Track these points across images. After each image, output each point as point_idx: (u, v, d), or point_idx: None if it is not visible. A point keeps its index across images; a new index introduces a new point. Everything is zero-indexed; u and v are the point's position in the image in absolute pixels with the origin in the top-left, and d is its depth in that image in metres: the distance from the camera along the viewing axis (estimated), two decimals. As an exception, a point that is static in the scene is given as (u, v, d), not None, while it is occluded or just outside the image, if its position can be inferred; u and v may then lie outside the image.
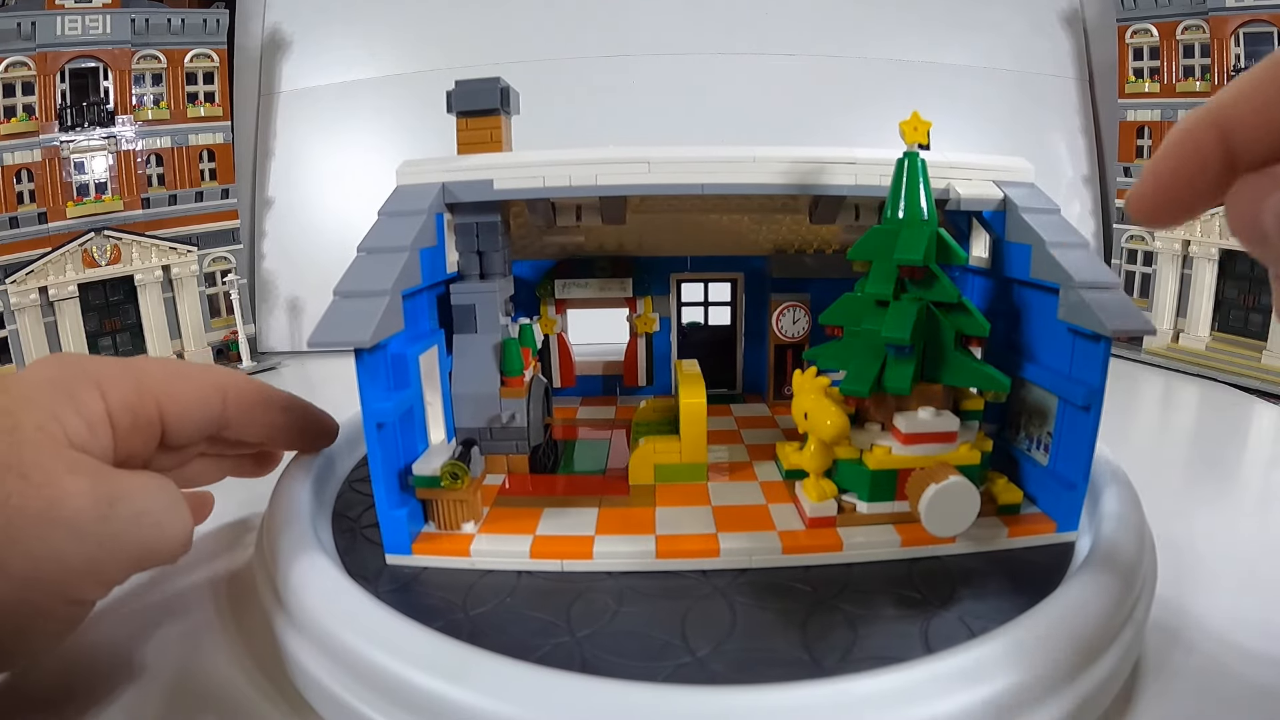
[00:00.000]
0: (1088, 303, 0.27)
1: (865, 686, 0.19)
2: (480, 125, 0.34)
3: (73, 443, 0.22)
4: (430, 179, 0.32)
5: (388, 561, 0.28)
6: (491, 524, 0.30)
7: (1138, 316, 0.27)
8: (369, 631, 0.22)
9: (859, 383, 0.28)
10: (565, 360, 0.49)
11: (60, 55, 0.67)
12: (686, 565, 0.28)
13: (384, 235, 0.29)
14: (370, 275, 0.27)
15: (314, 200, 0.83)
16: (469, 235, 0.34)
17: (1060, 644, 0.21)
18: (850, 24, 0.85)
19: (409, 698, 0.20)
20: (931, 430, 0.28)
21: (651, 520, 0.30)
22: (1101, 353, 0.27)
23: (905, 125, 0.29)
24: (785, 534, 0.29)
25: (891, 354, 0.29)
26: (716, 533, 0.29)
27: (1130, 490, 0.30)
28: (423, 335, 0.32)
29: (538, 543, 0.28)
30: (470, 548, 0.28)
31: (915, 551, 0.28)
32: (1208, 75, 0.72)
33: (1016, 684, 0.19)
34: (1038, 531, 0.29)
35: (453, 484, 0.28)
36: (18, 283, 0.63)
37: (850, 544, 0.28)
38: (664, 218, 0.44)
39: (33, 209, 0.66)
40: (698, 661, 0.22)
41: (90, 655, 0.26)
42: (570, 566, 0.28)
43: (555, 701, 0.19)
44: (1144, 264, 0.79)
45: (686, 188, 0.31)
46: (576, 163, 0.31)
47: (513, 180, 0.32)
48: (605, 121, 0.81)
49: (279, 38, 0.85)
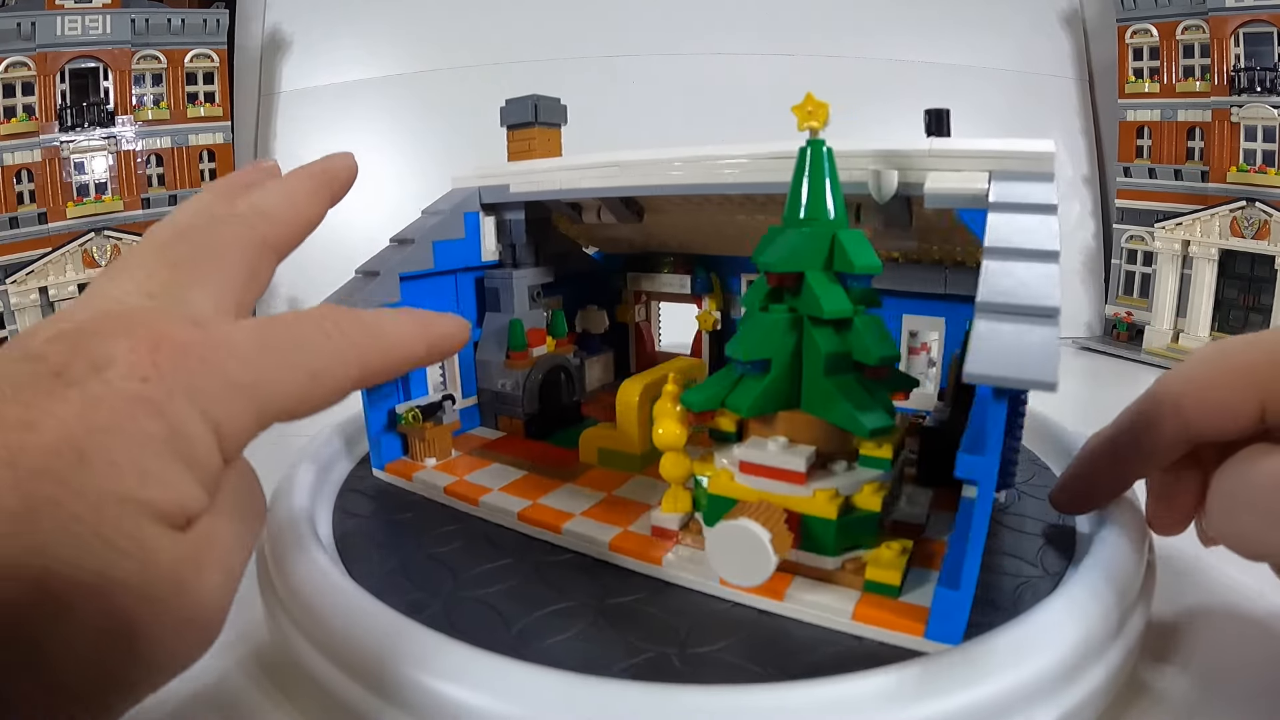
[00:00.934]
0: (974, 335, 0.19)
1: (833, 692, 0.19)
2: (521, 136, 0.41)
3: (187, 512, 0.16)
4: (471, 183, 0.40)
5: (374, 474, 0.36)
6: (449, 465, 0.36)
7: (1030, 365, 0.18)
8: (369, 630, 0.22)
9: (696, 395, 0.26)
10: (644, 348, 0.52)
11: (60, 55, 0.67)
12: (536, 533, 0.30)
13: (410, 230, 0.37)
14: (385, 262, 0.35)
15: (314, 200, 0.84)
16: (503, 230, 0.41)
17: (1059, 645, 0.21)
18: (850, 24, 0.85)
19: (407, 695, 0.20)
20: (772, 465, 0.24)
21: (551, 491, 0.32)
22: (989, 408, 0.19)
23: (798, 109, 0.25)
24: (625, 534, 0.28)
25: (739, 370, 0.25)
26: (577, 515, 0.30)
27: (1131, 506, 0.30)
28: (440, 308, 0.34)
29: (456, 485, 0.33)
30: (414, 475, 0.34)
31: (733, 595, 0.25)
32: (1208, 75, 0.72)
33: (1010, 687, 0.19)
34: (894, 626, 0.22)
35: (410, 424, 0.35)
36: (18, 283, 0.63)
37: (669, 562, 0.26)
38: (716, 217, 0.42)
39: (33, 209, 0.66)
40: (457, 596, 0.25)
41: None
42: (461, 507, 0.32)
43: (548, 699, 0.19)
44: (1144, 264, 0.79)
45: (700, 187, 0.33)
46: (562, 168, 0.36)
47: (521, 185, 0.38)
48: (605, 122, 0.81)
49: (279, 38, 0.85)
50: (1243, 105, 0.70)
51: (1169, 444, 0.24)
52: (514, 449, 0.38)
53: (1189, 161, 0.75)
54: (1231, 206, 0.69)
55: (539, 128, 0.40)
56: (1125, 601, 0.23)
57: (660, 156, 0.33)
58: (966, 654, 0.20)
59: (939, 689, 0.19)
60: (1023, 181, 0.26)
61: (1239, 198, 0.69)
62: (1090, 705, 0.21)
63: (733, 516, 0.23)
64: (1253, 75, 0.69)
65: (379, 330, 0.21)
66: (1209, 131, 0.73)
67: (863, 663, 0.20)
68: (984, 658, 0.20)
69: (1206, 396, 0.23)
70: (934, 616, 0.21)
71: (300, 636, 0.23)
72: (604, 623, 0.24)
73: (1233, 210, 0.69)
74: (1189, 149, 0.75)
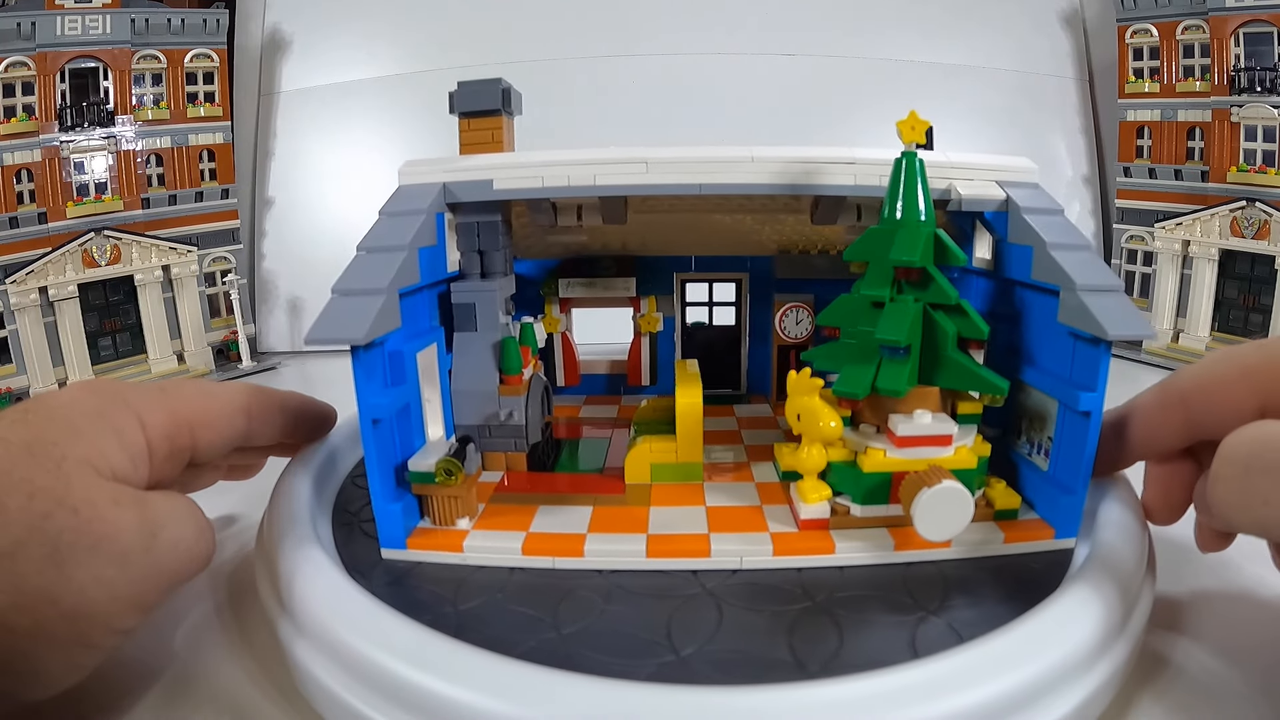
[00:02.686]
0: (1088, 306, 0.26)
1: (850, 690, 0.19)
2: (482, 126, 0.34)
3: (116, 475, 0.23)
4: (432, 179, 0.32)
5: (383, 556, 0.28)
6: (486, 520, 0.30)
7: (1140, 321, 0.27)
8: (369, 631, 0.22)
9: (853, 384, 0.28)
10: (569, 359, 0.49)
11: (60, 55, 0.67)
12: (676, 565, 0.28)
13: (384, 234, 0.30)
14: (368, 274, 0.28)
15: (314, 200, 0.83)
16: (470, 235, 0.34)
17: (1059, 647, 0.21)
18: (850, 24, 0.85)
19: (408, 697, 0.20)
20: (927, 434, 0.28)
21: (645, 519, 0.30)
22: (1102, 357, 0.26)
23: (903, 125, 0.29)
24: (777, 535, 0.29)
25: (886, 355, 0.28)
26: (708, 533, 0.29)
27: (1130, 491, 0.30)
28: (421, 333, 0.32)
29: (529, 540, 0.28)
30: (464, 543, 0.28)
31: (909, 556, 0.28)
32: (1208, 75, 0.72)
33: (1012, 688, 0.19)
34: (1035, 538, 0.29)
35: (447, 480, 0.29)
36: (18, 283, 0.63)
37: (842, 548, 0.28)
38: (668, 217, 0.43)
39: (33, 209, 0.66)
40: (681, 661, 0.22)
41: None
42: (561, 564, 0.28)
43: (547, 699, 0.19)
44: (1144, 264, 0.79)
45: (683, 188, 0.31)
46: (574, 163, 0.31)
47: (512, 180, 0.32)
48: (605, 122, 0.81)
49: (279, 38, 0.85)
50: (1243, 105, 0.70)
51: (1172, 433, 0.27)
52: (536, 485, 0.34)
53: (1189, 161, 0.75)
54: (1231, 206, 0.69)
55: (504, 117, 0.35)
56: (1132, 591, 0.23)
57: (689, 155, 0.32)
58: (987, 648, 0.20)
59: (935, 692, 0.19)
60: (1028, 189, 0.35)
61: (1239, 198, 0.69)
62: (1089, 707, 0.21)
63: (920, 485, 0.26)
64: (1253, 75, 0.69)
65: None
66: (1209, 131, 0.73)
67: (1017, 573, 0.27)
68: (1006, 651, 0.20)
69: (1211, 393, 0.25)
70: (1062, 521, 0.29)
71: (300, 636, 0.23)
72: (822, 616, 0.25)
73: (1233, 210, 0.69)
74: (1189, 149, 0.75)
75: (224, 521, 0.37)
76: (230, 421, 0.29)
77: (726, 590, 0.26)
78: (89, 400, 0.24)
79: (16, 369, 0.64)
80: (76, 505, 0.21)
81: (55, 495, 0.20)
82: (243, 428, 0.29)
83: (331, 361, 0.78)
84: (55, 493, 0.20)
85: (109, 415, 0.24)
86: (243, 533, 0.36)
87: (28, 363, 0.64)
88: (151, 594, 0.23)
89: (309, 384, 0.72)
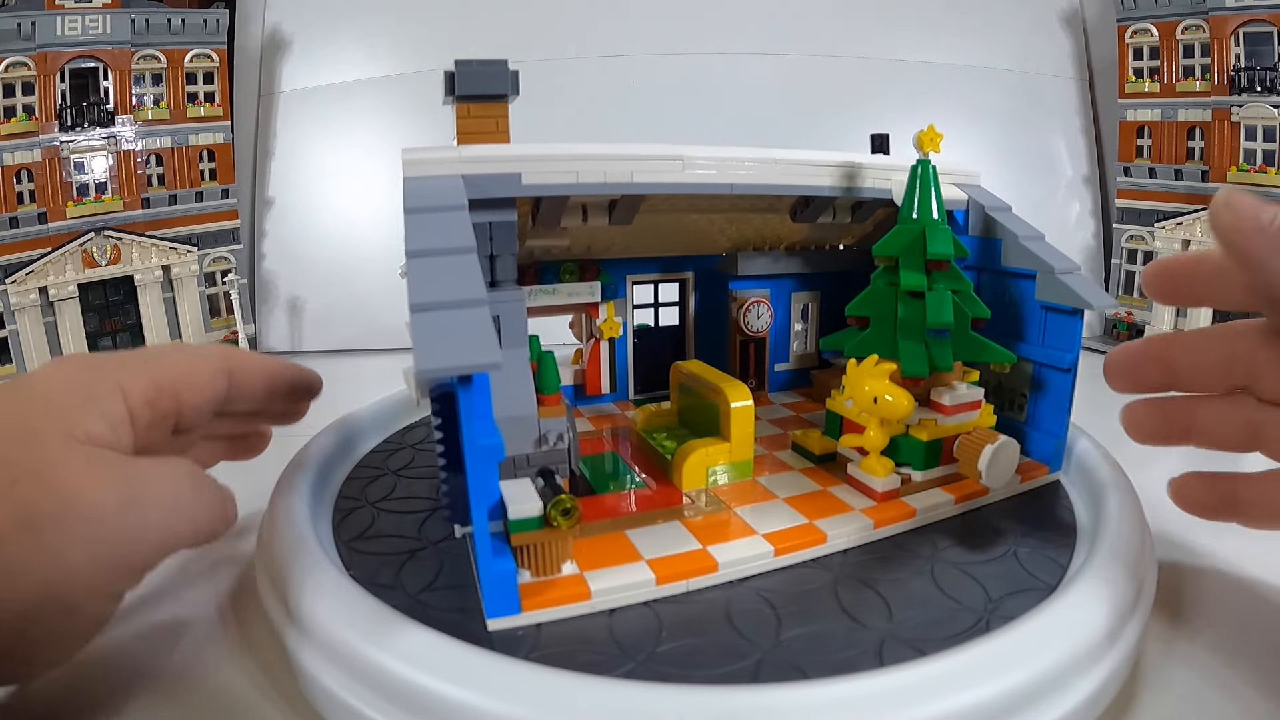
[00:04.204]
0: (1070, 285, 0.33)
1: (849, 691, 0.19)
2: (485, 113, 0.31)
3: (93, 440, 0.23)
4: (447, 170, 0.28)
5: (490, 628, 0.23)
6: (583, 560, 0.26)
7: (1105, 295, 0.34)
8: (372, 634, 0.22)
9: (917, 366, 0.32)
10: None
11: (60, 55, 0.67)
12: (798, 557, 0.28)
13: (435, 235, 0.25)
14: (451, 283, 0.23)
15: (314, 200, 0.83)
16: (483, 236, 0.30)
17: (1060, 645, 0.21)
18: (850, 24, 0.85)
19: (416, 700, 0.20)
20: (966, 401, 0.33)
21: (742, 522, 0.30)
22: (1078, 324, 0.34)
23: (923, 135, 0.33)
24: (866, 511, 0.31)
25: (931, 337, 0.32)
26: (810, 521, 0.30)
27: (1130, 490, 0.31)
28: None
29: (657, 567, 0.26)
30: (591, 589, 0.25)
31: (964, 506, 0.32)
32: (1208, 75, 0.72)
33: (1015, 685, 0.19)
34: (1037, 475, 0.35)
35: (564, 521, 0.24)
36: (18, 283, 0.63)
37: (921, 509, 0.31)
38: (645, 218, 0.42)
39: (33, 209, 0.66)
40: (897, 631, 0.23)
41: (92, 658, 0.26)
42: (695, 584, 0.26)
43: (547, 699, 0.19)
44: (1144, 264, 0.79)
45: (716, 187, 0.32)
46: (611, 158, 0.29)
47: (543, 175, 0.29)
48: (604, 122, 0.81)
49: (279, 38, 0.85)
50: (1243, 105, 0.70)
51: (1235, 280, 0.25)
52: (598, 511, 0.31)
53: (1189, 161, 0.75)
54: (1231, 206, 0.69)
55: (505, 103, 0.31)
56: (1127, 601, 0.23)
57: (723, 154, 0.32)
58: (964, 655, 0.20)
59: (936, 691, 0.19)
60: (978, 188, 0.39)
61: (1239, 197, 0.69)
62: (1089, 706, 0.21)
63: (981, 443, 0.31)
64: (1253, 75, 0.69)
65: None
66: (1209, 131, 0.73)
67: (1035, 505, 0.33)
68: (983, 659, 0.20)
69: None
70: (1051, 459, 0.35)
71: (299, 637, 0.23)
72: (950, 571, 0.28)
73: (1233, 210, 0.69)
74: (1189, 149, 0.75)
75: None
76: (212, 382, 0.28)
77: (855, 568, 0.28)
78: (67, 372, 0.24)
79: (16, 369, 0.64)
80: (43, 470, 0.20)
81: (24, 465, 0.20)
82: (224, 388, 0.29)
83: (330, 362, 0.78)
84: (25, 463, 0.20)
85: (87, 386, 0.24)
86: (244, 533, 0.36)
87: (28, 363, 0.64)
88: (138, 556, 0.22)
89: (309, 384, 0.72)
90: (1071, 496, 0.34)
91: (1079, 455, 0.35)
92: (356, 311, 0.79)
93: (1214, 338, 0.27)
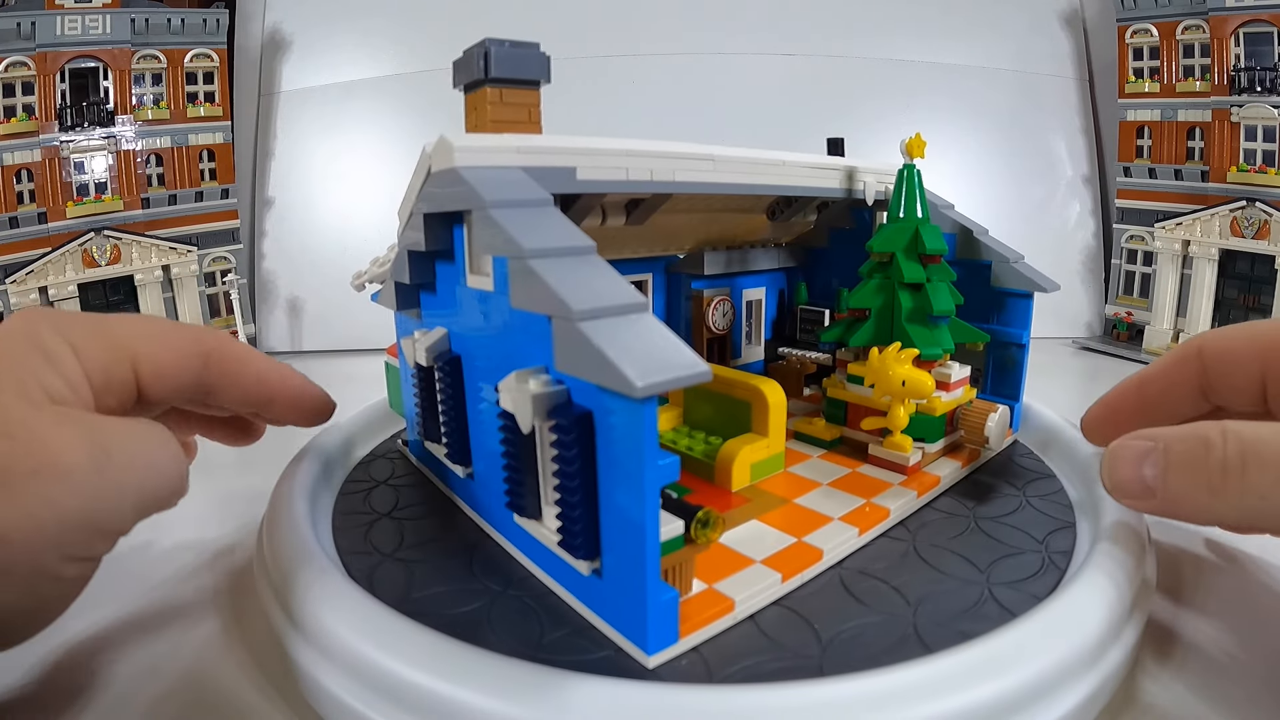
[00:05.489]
0: (1024, 273, 0.38)
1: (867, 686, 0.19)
2: (518, 100, 0.28)
3: (54, 399, 0.22)
4: (503, 160, 0.25)
5: (651, 665, 0.21)
6: (705, 571, 0.25)
7: (1048, 279, 0.38)
8: (373, 634, 0.22)
9: (934, 348, 0.35)
10: None
11: (60, 55, 0.67)
12: (873, 534, 0.30)
13: (547, 234, 0.22)
14: (600, 287, 0.21)
15: (314, 200, 0.84)
16: None
17: (1061, 642, 0.21)
18: (850, 24, 0.85)
19: (417, 700, 0.20)
20: (959, 379, 0.36)
21: (810, 511, 0.31)
22: (1030, 305, 0.39)
23: (911, 143, 0.36)
24: (905, 484, 0.33)
25: (931, 323, 0.36)
26: (867, 500, 0.31)
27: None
28: None
29: (776, 566, 0.26)
30: (735, 600, 0.24)
31: (969, 469, 0.36)
32: (1208, 75, 0.72)
33: (1016, 684, 0.19)
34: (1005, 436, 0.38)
35: (707, 535, 0.23)
36: (18, 283, 0.63)
37: (944, 477, 0.34)
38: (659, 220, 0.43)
39: (33, 209, 0.66)
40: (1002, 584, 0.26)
41: (90, 657, 0.26)
42: (807, 575, 0.26)
43: (547, 699, 0.19)
44: (1144, 264, 0.79)
45: (740, 187, 0.32)
46: (657, 155, 0.28)
47: (596, 171, 0.27)
48: (604, 123, 0.81)
49: (279, 38, 0.85)
50: (1243, 105, 0.70)
51: (1187, 385, 0.28)
52: None
53: (1189, 161, 0.75)
54: (1232, 206, 0.69)
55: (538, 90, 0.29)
56: (1126, 599, 0.23)
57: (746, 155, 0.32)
58: (964, 655, 0.20)
59: (938, 689, 0.19)
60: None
61: (1239, 198, 0.69)
62: (1090, 704, 0.21)
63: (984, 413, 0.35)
64: (1253, 75, 0.69)
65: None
66: (1209, 131, 0.73)
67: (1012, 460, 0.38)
68: (985, 658, 0.20)
69: (1225, 345, 0.27)
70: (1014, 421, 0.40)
71: (299, 636, 0.23)
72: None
73: (1233, 210, 0.69)
74: (1189, 149, 0.75)
75: (224, 522, 0.37)
76: (180, 363, 0.26)
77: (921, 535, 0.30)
78: (19, 328, 0.23)
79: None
80: (12, 430, 0.20)
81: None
82: (195, 373, 0.27)
83: (330, 362, 0.78)
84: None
85: (39, 340, 0.23)
86: (244, 534, 0.36)
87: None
88: (113, 516, 0.21)
89: (309, 384, 0.72)
90: (1029, 446, 0.40)
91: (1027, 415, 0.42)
92: (357, 312, 0.79)
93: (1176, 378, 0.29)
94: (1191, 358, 0.28)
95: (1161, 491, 0.23)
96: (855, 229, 0.46)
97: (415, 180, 0.28)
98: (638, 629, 0.21)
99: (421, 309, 0.32)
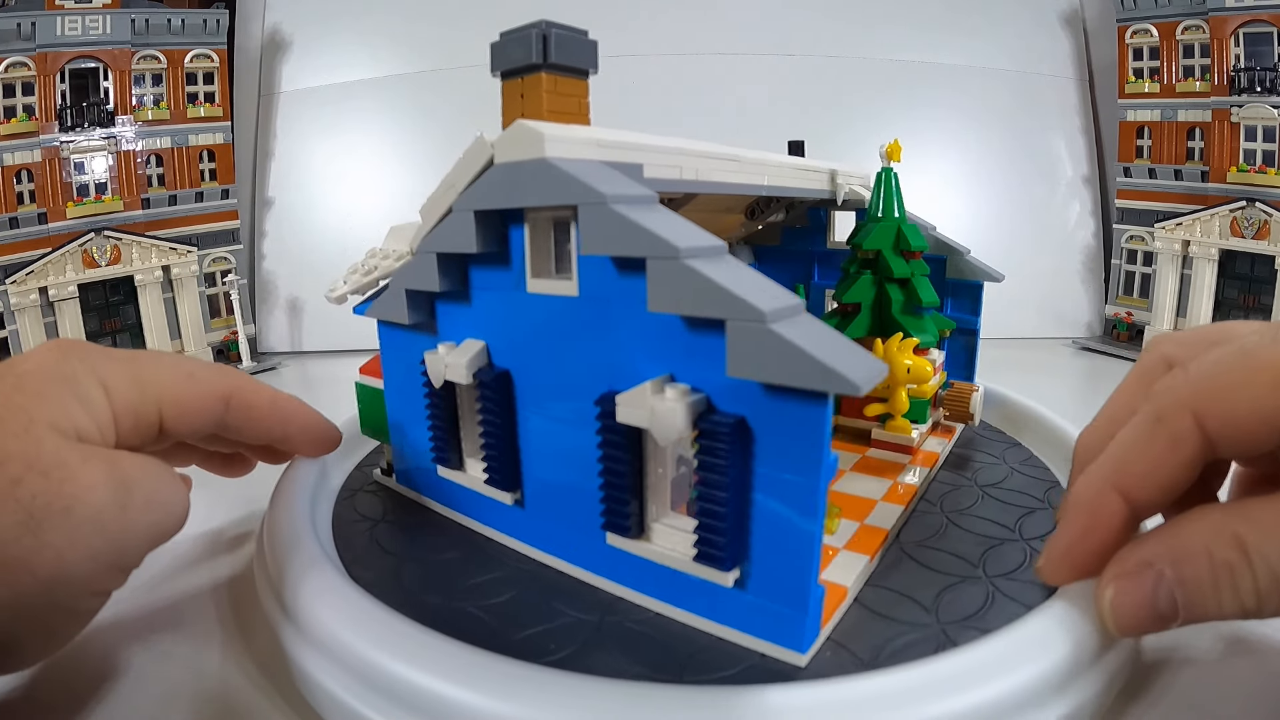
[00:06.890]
0: (976, 265, 0.41)
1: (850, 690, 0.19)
2: (570, 90, 0.26)
3: (82, 438, 0.22)
4: (584, 154, 0.24)
5: (802, 664, 0.21)
6: None
7: (995, 270, 0.41)
8: (374, 635, 0.22)
9: (929, 336, 0.37)
10: None
11: (60, 55, 0.67)
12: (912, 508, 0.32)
13: (681, 233, 0.21)
14: (767, 287, 0.20)
15: (314, 200, 0.84)
16: None
17: (1061, 643, 0.21)
18: (850, 24, 0.85)
19: (418, 701, 0.20)
20: (940, 363, 0.39)
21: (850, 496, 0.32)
22: (981, 293, 0.42)
23: (890, 148, 0.38)
24: (912, 462, 0.36)
25: (920, 314, 0.38)
26: (896, 479, 0.34)
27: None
28: None
29: (857, 547, 0.27)
30: (849, 584, 0.25)
31: (952, 443, 0.39)
32: (1208, 75, 0.72)
33: (1016, 686, 0.19)
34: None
35: (829, 527, 0.24)
36: (18, 283, 0.63)
37: (941, 452, 0.38)
38: None
39: (33, 209, 0.66)
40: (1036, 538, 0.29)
41: (90, 657, 0.26)
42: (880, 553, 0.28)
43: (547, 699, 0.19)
44: (1144, 264, 0.79)
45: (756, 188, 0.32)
46: (708, 155, 0.28)
47: (658, 169, 0.26)
48: (604, 123, 0.81)
49: (279, 38, 0.85)
50: (1243, 105, 0.70)
51: (1189, 471, 0.21)
52: None
53: (1189, 161, 0.75)
54: (1231, 206, 0.69)
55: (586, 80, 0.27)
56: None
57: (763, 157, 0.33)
58: (965, 656, 0.20)
59: (937, 691, 0.19)
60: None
61: (1239, 198, 0.69)
62: (1091, 704, 0.21)
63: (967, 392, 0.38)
64: (1253, 75, 0.69)
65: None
66: (1209, 131, 0.73)
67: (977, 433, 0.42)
68: (985, 659, 0.20)
69: (1236, 402, 0.20)
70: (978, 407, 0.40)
71: (299, 637, 0.23)
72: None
73: (1233, 210, 0.69)
74: (1189, 149, 0.76)
75: (223, 525, 0.37)
76: (203, 406, 0.27)
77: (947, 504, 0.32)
78: (54, 362, 0.23)
79: (16, 369, 0.64)
80: (47, 468, 0.20)
81: (25, 459, 0.20)
82: (217, 416, 0.28)
83: (330, 362, 0.78)
84: (25, 457, 0.20)
85: (74, 380, 0.23)
86: (244, 535, 0.36)
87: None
88: (130, 553, 0.22)
89: (309, 384, 0.72)
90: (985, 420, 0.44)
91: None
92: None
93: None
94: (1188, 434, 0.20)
95: (1185, 615, 0.20)
96: (808, 228, 0.47)
97: (459, 175, 0.25)
98: (791, 631, 0.21)
99: (438, 320, 0.29)
